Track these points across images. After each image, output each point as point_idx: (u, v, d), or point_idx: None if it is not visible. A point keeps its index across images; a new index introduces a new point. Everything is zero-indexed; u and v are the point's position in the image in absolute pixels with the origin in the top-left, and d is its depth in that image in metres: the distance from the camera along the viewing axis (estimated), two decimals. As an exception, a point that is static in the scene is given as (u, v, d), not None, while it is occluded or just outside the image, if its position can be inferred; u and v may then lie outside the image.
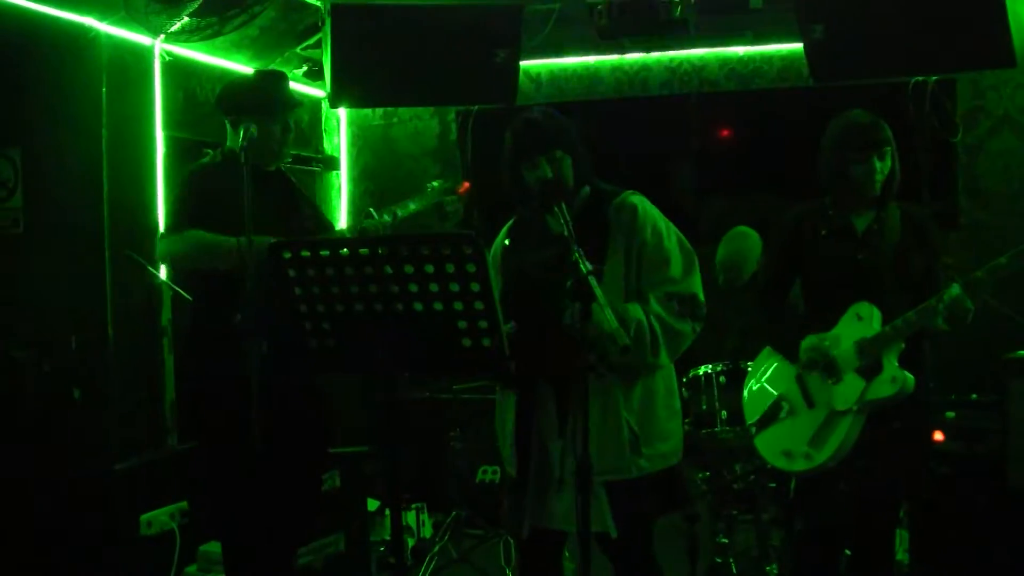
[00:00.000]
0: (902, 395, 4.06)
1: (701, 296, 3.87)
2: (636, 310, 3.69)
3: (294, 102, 4.64)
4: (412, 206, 4.71)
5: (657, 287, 3.80)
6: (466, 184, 4.73)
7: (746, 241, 5.82)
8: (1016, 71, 6.86)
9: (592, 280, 3.28)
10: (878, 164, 4.16)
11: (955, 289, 3.93)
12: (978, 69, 6.81)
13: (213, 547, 5.18)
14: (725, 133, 7.67)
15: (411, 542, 6.34)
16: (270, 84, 4.61)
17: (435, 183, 4.73)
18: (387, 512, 6.07)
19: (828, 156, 4.26)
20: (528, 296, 3.76)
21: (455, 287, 3.08)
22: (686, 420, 5.25)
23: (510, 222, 4.14)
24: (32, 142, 5.56)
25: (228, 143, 4.55)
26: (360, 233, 4.47)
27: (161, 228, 5.87)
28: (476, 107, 7.53)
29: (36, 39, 5.44)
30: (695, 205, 7.41)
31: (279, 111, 4.51)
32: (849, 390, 4.14)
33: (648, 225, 3.85)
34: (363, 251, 3.16)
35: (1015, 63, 5.22)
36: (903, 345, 4.10)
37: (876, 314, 4.12)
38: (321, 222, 4.77)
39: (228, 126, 4.53)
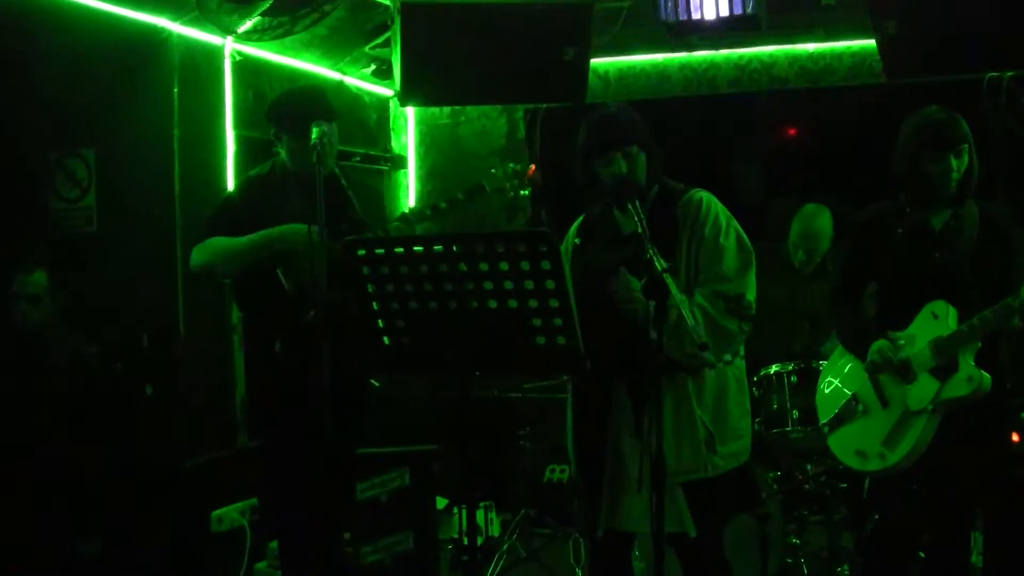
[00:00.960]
0: (978, 395, 4.00)
1: (751, 296, 3.82)
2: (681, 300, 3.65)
3: (329, 112, 4.62)
4: (460, 195, 4.69)
5: (708, 283, 3.79)
6: (532, 167, 4.68)
7: (820, 217, 5.81)
8: (1093, 66, 6.77)
9: (668, 278, 3.26)
10: (954, 162, 4.09)
11: None
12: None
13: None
14: (794, 131, 7.62)
15: (480, 541, 6.34)
16: (304, 98, 4.63)
17: (495, 170, 4.69)
18: (455, 510, 6.09)
19: (903, 154, 4.20)
20: (600, 295, 3.74)
21: (530, 285, 3.08)
22: (756, 420, 5.21)
23: (579, 220, 4.14)
24: (105, 142, 5.66)
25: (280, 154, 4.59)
26: (401, 221, 4.52)
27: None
28: (544, 105, 7.52)
29: (109, 40, 5.52)
30: (763, 204, 7.36)
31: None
32: (924, 390, 4.09)
33: (710, 220, 3.85)
34: (437, 248, 3.17)
35: (1094, 56, 5.13)
36: (979, 344, 4.04)
37: (952, 313, 4.07)
38: (363, 224, 4.77)
39: (273, 136, 4.57)
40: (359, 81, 7.34)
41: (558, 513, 6.33)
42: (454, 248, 3.14)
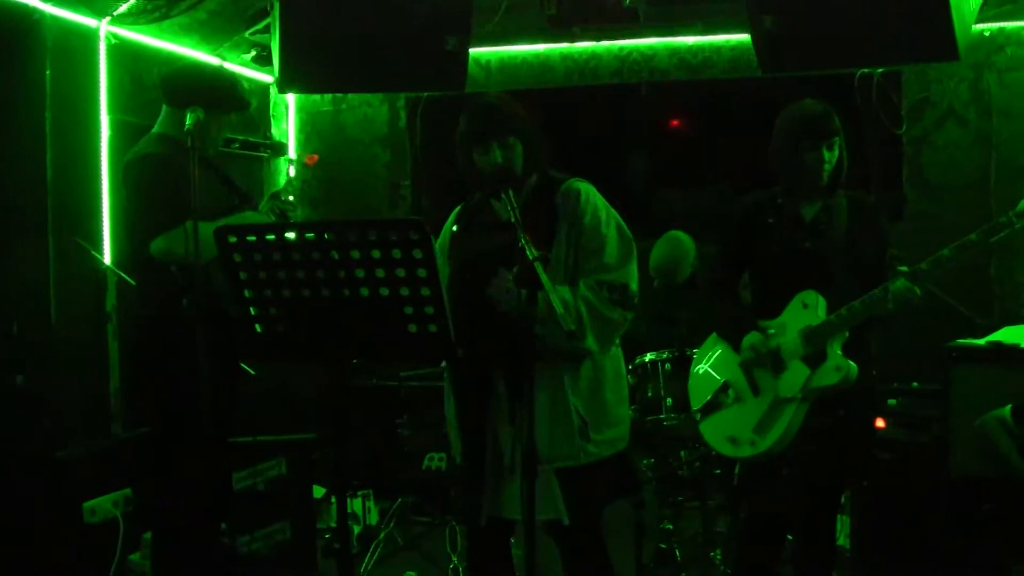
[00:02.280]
0: (846, 383, 4.11)
1: (634, 286, 3.87)
2: (564, 292, 3.69)
3: (246, 103, 4.61)
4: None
5: (591, 273, 3.82)
6: (315, 157, 4.69)
7: (680, 246, 5.87)
8: (960, 65, 6.97)
9: (538, 266, 3.28)
10: (827, 154, 4.19)
11: (901, 282, 3.98)
12: (922, 62, 6.87)
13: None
14: (675, 123, 7.71)
15: (357, 529, 6.32)
16: (229, 80, 4.59)
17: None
18: (333, 499, 6.05)
19: (780, 144, 4.29)
20: (475, 282, 3.75)
21: (402, 273, 3.07)
22: (632, 407, 5.28)
23: (458, 208, 4.15)
24: (-27, 125, 5.49)
25: (168, 130, 4.49)
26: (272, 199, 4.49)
27: (106, 214, 5.84)
28: (426, 94, 7.51)
29: (-24, 21, 5.36)
30: (645, 194, 7.45)
31: (233, 107, 4.50)
32: (794, 378, 4.18)
33: (589, 210, 3.87)
34: (309, 236, 3.14)
35: (958, 56, 5.26)
36: (847, 334, 4.15)
37: (822, 303, 4.17)
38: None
39: (167, 111, 4.48)
40: (239, 67, 7.23)
41: (437, 501, 6.33)
42: (326, 236, 3.11)
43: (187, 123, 4.13)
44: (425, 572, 5.73)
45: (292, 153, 8.02)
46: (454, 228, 4.07)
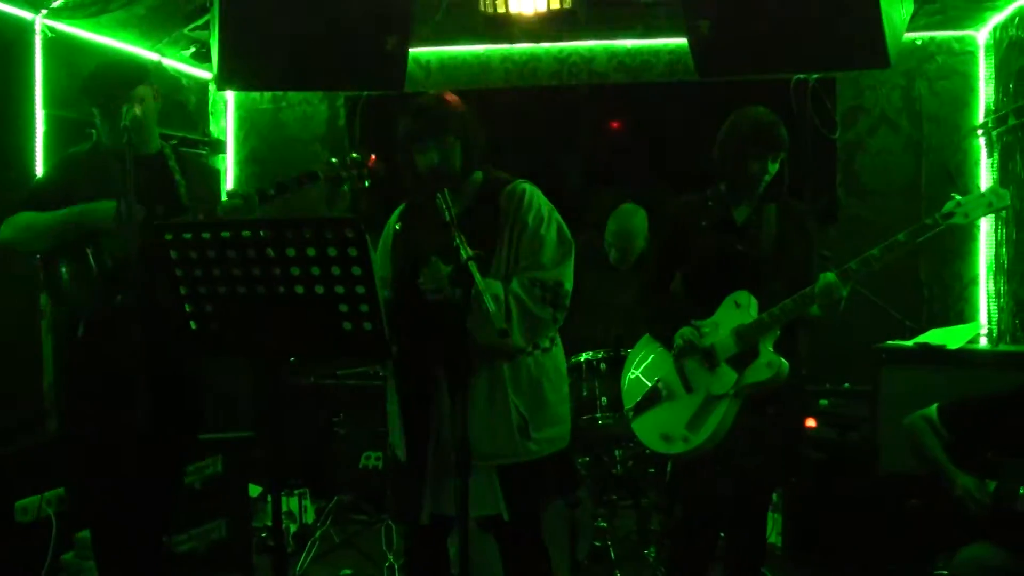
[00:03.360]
0: (777, 380, 4.18)
1: (568, 285, 3.89)
2: (497, 287, 3.71)
3: (140, 73, 4.54)
4: (288, 181, 4.67)
5: (525, 271, 3.84)
6: (373, 157, 4.65)
7: (634, 217, 5.94)
8: (893, 72, 7.11)
9: (472, 266, 3.31)
10: (771, 165, 4.29)
11: (830, 276, 4.07)
12: (853, 69, 7.01)
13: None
14: (614, 125, 7.76)
15: (293, 528, 6.33)
16: (115, 73, 4.54)
17: (334, 159, 4.64)
18: (270, 497, 6.04)
19: (727, 147, 4.35)
20: (414, 280, 3.77)
21: (337, 271, 3.09)
22: (569, 407, 5.33)
23: (401, 207, 4.16)
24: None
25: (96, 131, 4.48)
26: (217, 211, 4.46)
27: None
28: (366, 93, 7.51)
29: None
30: (583, 195, 7.49)
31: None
32: (726, 375, 4.25)
33: (532, 210, 3.90)
34: (245, 233, 3.15)
35: (889, 64, 5.36)
36: (779, 332, 4.22)
37: (753, 302, 4.24)
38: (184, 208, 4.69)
39: (99, 113, 4.45)
40: (178, 63, 7.20)
41: (373, 499, 6.34)
42: (261, 234, 3.13)
43: (123, 119, 4.12)
44: (361, 570, 5.74)
45: (230, 151, 7.99)
46: (397, 226, 4.08)
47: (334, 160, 4.57)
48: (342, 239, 3.04)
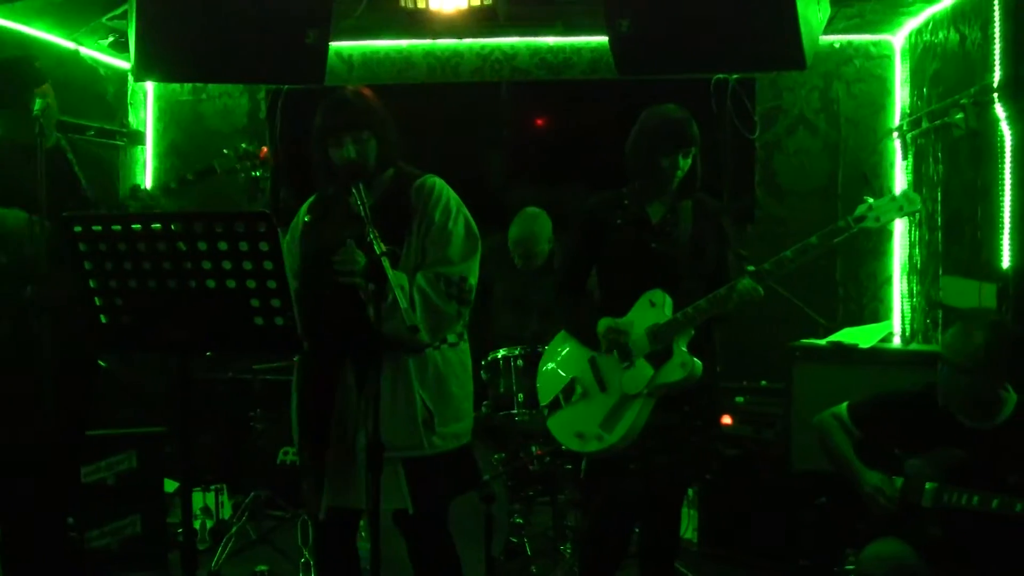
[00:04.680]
0: (691, 380, 4.21)
1: (473, 280, 3.93)
2: (402, 280, 3.70)
3: (37, 77, 4.49)
4: (190, 176, 4.65)
5: (431, 265, 3.86)
6: (265, 148, 4.65)
7: (536, 221, 5.95)
8: (812, 74, 7.22)
9: (385, 261, 3.32)
10: (682, 161, 4.30)
11: (746, 282, 4.11)
12: (771, 70, 7.11)
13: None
14: (537, 122, 7.77)
15: (210, 523, 6.28)
16: (15, 68, 4.48)
17: (227, 151, 4.64)
18: (186, 493, 5.99)
19: (637, 145, 4.38)
20: (326, 274, 3.76)
21: (248, 265, 3.07)
22: (484, 403, 5.34)
23: (311, 199, 4.15)
24: None
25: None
26: (138, 197, 4.42)
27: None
28: (287, 86, 7.46)
29: None
30: (505, 192, 7.49)
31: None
32: (640, 374, 4.27)
33: (441, 205, 3.92)
34: (156, 226, 3.12)
35: (805, 66, 5.42)
36: (693, 332, 4.25)
37: (668, 301, 4.26)
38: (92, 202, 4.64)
39: None
40: (96, 53, 7.09)
41: (290, 495, 6.30)
42: (172, 227, 3.10)
43: (35, 110, 4.08)
44: (276, 566, 5.70)
45: (150, 143, 7.89)
46: (306, 219, 4.07)
47: (227, 152, 4.56)
48: (254, 233, 3.02)
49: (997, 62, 5.20)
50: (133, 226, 3.14)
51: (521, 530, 5.53)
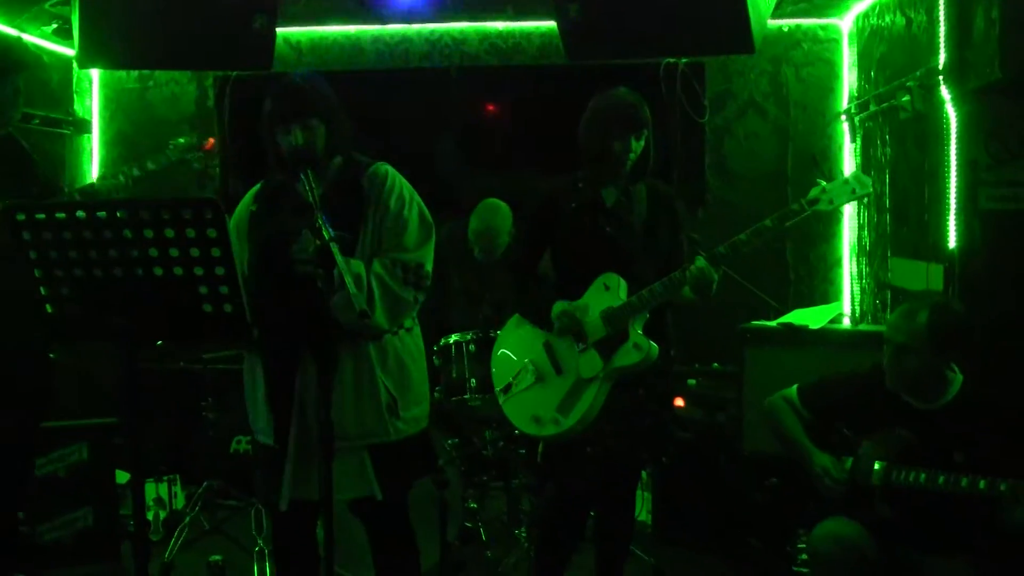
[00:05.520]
0: (646, 363, 4.23)
1: (428, 267, 3.93)
2: (359, 267, 3.71)
3: (24, 63, 4.46)
4: (150, 164, 4.62)
5: (388, 252, 3.86)
6: (211, 140, 4.63)
7: (497, 213, 5.94)
8: (761, 58, 7.25)
9: (334, 247, 3.30)
10: (634, 144, 4.31)
11: (700, 261, 4.13)
12: (719, 54, 7.13)
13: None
14: (487, 108, 7.76)
15: (163, 514, 6.25)
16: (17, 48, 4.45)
17: (179, 140, 4.62)
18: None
19: (589, 130, 4.38)
20: (277, 261, 3.74)
21: (196, 252, 3.04)
22: (437, 388, 5.32)
23: (257, 187, 4.12)
24: None
25: None
26: (89, 192, 4.37)
27: None
28: (235, 73, 7.40)
29: None
30: (456, 178, 7.48)
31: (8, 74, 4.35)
32: (595, 358, 4.28)
33: (395, 193, 3.92)
34: (101, 214, 3.08)
35: (754, 50, 5.45)
36: (647, 315, 4.27)
37: (623, 285, 4.28)
38: (54, 188, 4.60)
39: None
40: (39, 39, 7.00)
41: (243, 484, 6.26)
42: (119, 214, 3.06)
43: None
44: (231, 555, 5.66)
45: (96, 131, 7.80)
46: (253, 207, 4.03)
47: (181, 140, 4.54)
48: (201, 220, 3.00)
49: (942, 45, 5.25)
50: (78, 214, 3.10)
51: (476, 515, 5.54)
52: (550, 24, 7.16)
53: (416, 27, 7.49)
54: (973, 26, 4.98)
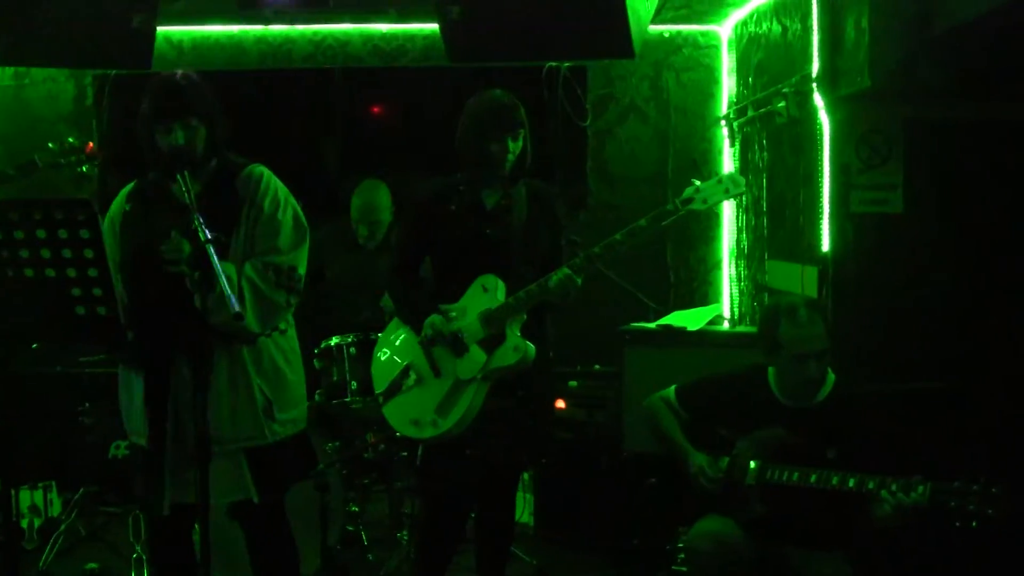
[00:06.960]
0: (524, 364, 4.26)
1: (302, 270, 3.93)
2: (230, 270, 3.68)
3: None
4: (11, 171, 4.53)
5: (260, 255, 3.84)
6: (91, 144, 4.55)
7: (377, 191, 5.96)
8: (642, 63, 7.34)
9: (209, 248, 3.28)
10: (511, 144, 4.34)
11: (564, 270, 4.18)
12: (600, 59, 7.20)
13: None
14: (372, 109, 7.74)
15: (38, 522, 6.11)
16: None
17: (52, 144, 4.53)
18: (12, 492, 5.81)
19: (466, 132, 4.40)
20: (151, 263, 3.68)
21: (68, 253, 3.01)
22: (318, 391, 5.30)
23: (129, 186, 4.05)
24: None
25: None
26: None
27: None
28: (114, 71, 7.27)
29: None
30: (339, 180, 7.44)
31: None
32: (474, 359, 4.30)
33: (269, 195, 3.91)
34: (-31, 215, 3.03)
35: (633, 55, 5.52)
36: (525, 316, 4.31)
37: (501, 286, 4.31)
38: None
39: None
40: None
41: (121, 490, 6.17)
42: (-13, 215, 3.01)
43: None
44: (108, 563, 5.59)
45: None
46: (127, 207, 3.97)
47: (52, 146, 4.45)
48: (73, 221, 2.96)
49: (815, 53, 5.38)
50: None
51: (357, 518, 5.53)
52: (434, 27, 7.14)
53: (299, 28, 7.44)
54: (844, 35, 5.12)
